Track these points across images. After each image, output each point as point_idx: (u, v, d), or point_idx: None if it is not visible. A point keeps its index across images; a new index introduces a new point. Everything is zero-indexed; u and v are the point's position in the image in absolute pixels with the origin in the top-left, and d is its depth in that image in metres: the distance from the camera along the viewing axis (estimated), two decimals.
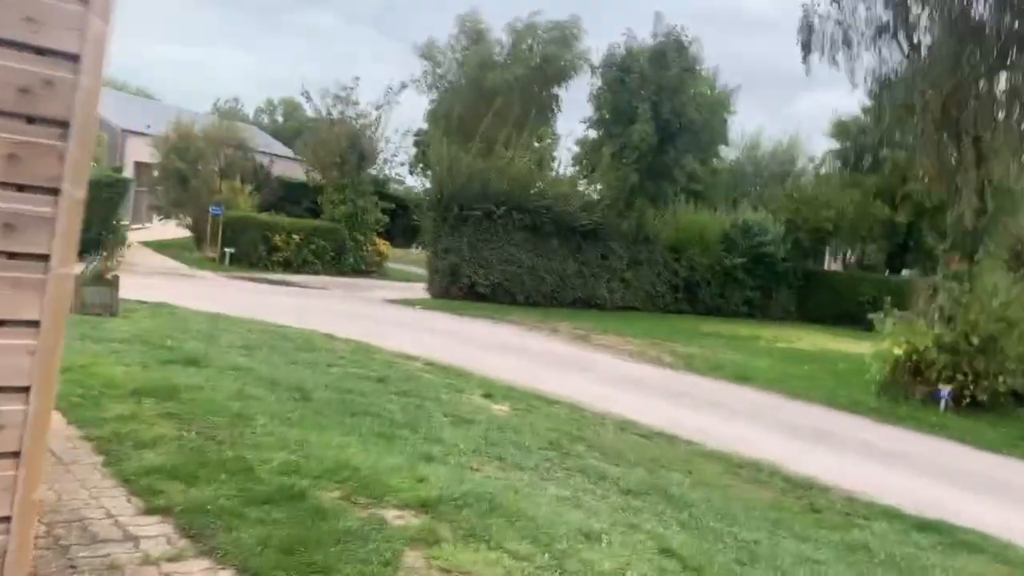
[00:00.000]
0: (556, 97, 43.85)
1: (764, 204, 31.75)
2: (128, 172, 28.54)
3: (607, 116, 27.18)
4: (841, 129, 33.91)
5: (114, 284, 12.68)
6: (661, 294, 24.79)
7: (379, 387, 8.73)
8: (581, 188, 24.79)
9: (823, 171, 35.01)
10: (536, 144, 43.41)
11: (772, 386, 13.60)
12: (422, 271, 24.15)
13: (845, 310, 25.33)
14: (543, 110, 42.40)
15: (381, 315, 17.35)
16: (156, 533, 3.75)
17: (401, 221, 29.93)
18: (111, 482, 4.34)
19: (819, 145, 65.54)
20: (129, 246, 22.89)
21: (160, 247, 26.77)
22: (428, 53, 42.65)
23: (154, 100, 49.04)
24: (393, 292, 22.39)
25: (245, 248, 24.49)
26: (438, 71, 42.99)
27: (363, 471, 4.93)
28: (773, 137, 47.05)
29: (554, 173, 26.06)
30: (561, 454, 6.98)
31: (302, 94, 25.78)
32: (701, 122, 25.75)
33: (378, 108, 26.69)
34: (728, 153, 38.70)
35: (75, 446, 4.86)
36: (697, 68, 26.19)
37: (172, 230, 29.42)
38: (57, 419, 5.05)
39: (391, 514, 4.35)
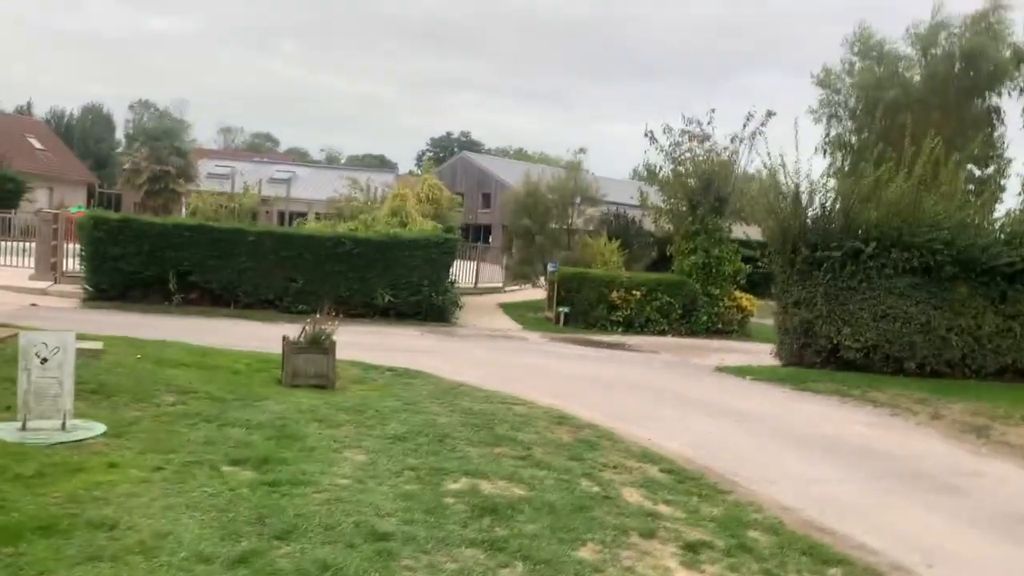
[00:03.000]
0: (995, 109, 35.12)
1: None
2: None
3: None
4: None
5: (331, 350, 10.86)
6: None
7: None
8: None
9: None
10: (977, 172, 35.02)
11: None
12: None
13: None
14: (978, 126, 34.10)
15: (686, 389, 13.38)
16: None
17: None
18: None
19: None
20: (461, 307, 21.93)
21: (509, 308, 25.72)
22: (825, 80, 37.27)
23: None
24: (736, 357, 18.04)
25: (581, 307, 22.10)
26: (836, 98, 37.36)
27: None
28: None
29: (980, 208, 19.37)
30: None
31: (646, 135, 22.89)
32: None
33: (734, 141, 22.68)
34: None
35: None
36: None
37: (539, 292, 28.48)
38: None
39: None
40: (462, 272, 30.12)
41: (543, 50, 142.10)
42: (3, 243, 26.00)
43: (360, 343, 16.51)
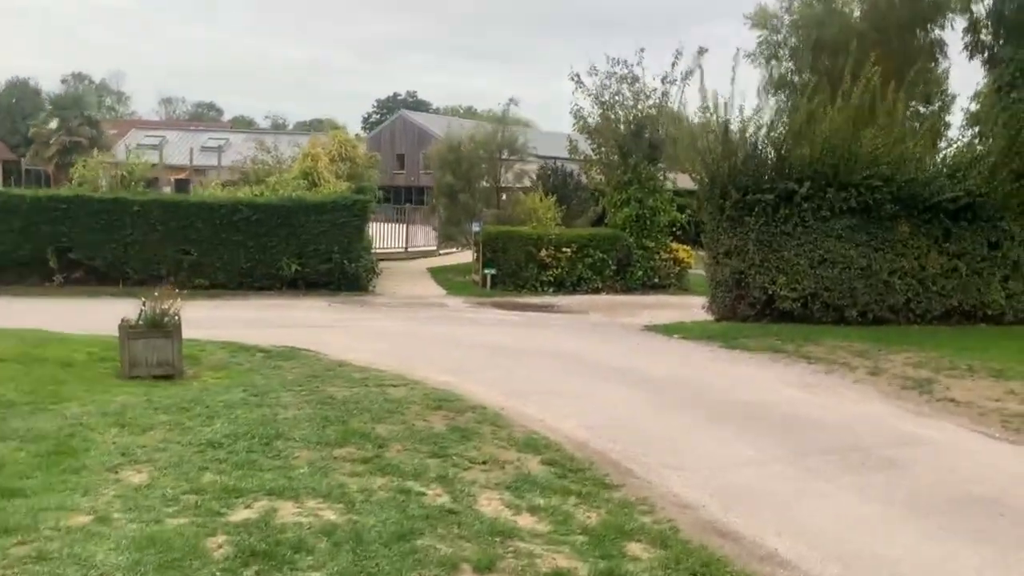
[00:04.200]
0: (938, 43, 34.06)
1: None
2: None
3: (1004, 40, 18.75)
4: None
5: (174, 333, 9.26)
6: None
7: None
8: (947, 150, 16.79)
9: None
10: (921, 109, 33.96)
11: None
12: None
13: None
14: (921, 61, 32.95)
15: (604, 354, 12.02)
16: None
17: None
18: None
19: None
20: (378, 273, 20.33)
21: (438, 272, 24.17)
22: (761, 20, 35.84)
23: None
24: (669, 313, 16.77)
25: (508, 268, 20.63)
26: (775, 38, 36.00)
27: None
28: None
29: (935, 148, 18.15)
30: None
31: (571, 77, 21.25)
32: None
33: (665, 82, 21.18)
34: None
35: None
36: None
37: (471, 255, 26.94)
38: None
39: None
40: (391, 236, 28.52)
41: (496, 8, 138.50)
42: None
43: (252, 319, 14.94)
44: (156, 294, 9.44)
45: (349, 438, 6.67)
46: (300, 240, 18.54)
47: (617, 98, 21.51)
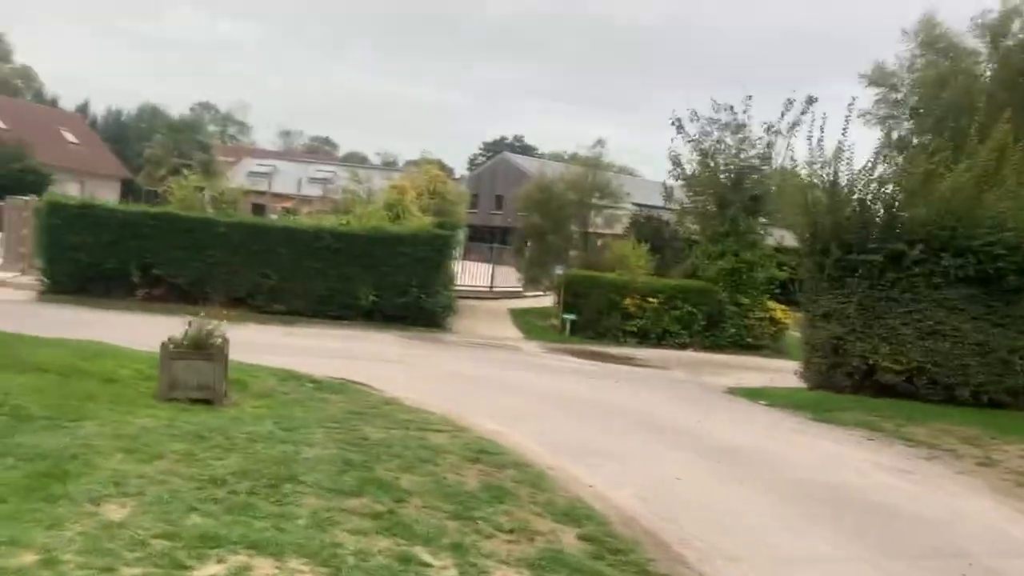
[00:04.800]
0: None
1: None
2: None
3: None
4: None
5: (217, 356, 8.87)
6: None
7: None
8: None
9: None
10: None
11: None
12: None
13: None
14: None
15: (676, 414, 11.04)
16: None
17: None
18: None
19: None
20: (455, 311, 19.84)
21: (519, 315, 23.53)
22: (878, 78, 34.17)
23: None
24: (759, 376, 15.60)
25: (590, 314, 19.80)
26: (894, 97, 34.25)
27: None
28: None
29: None
30: None
31: (672, 122, 20.45)
32: None
33: (769, 131, 20.13)
34: None
35: None
36: None
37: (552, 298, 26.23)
38: None
39: None
40: (478, 274, 28.12)
41: (614, 57, 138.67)
42: None
43: (319, 348, 14.60)
44: (202, 314, 9.07)
45: (366, 487, 6.00)
46: (379, 271, 18.25)
47: (719, 145, 20.56)
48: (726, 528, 6.38)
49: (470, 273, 27.73)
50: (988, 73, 32.95)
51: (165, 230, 17.84)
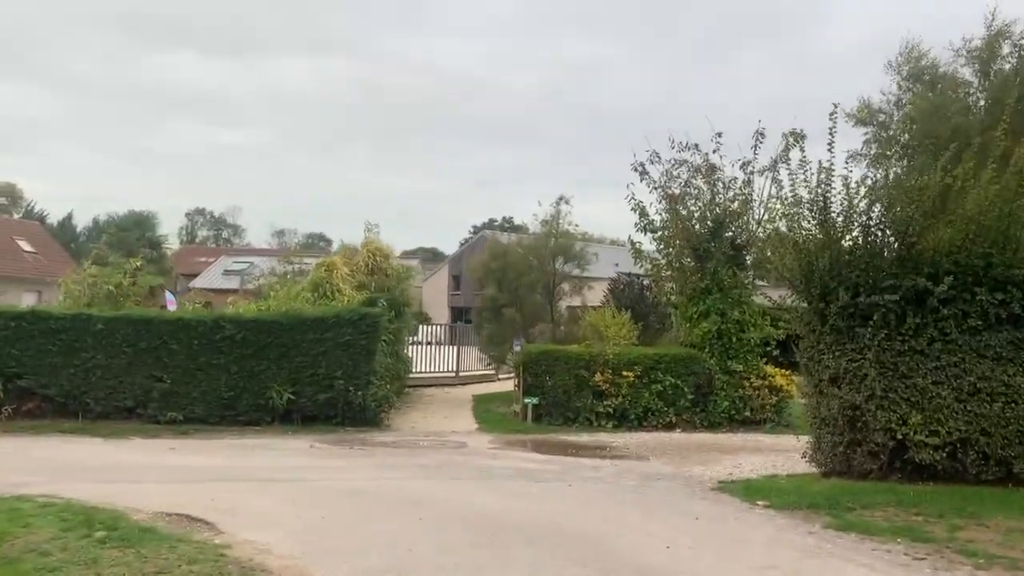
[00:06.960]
0: None
1: None
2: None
3: None
4: None
5: None
6: None
7: None
8: None
9: None
10: None
11: None
12: None
13: None
14: None
15: (635, 537, 7.82)
16: None
17: None
18: None
19: None
20: (392, 406, 16.71)
21: (483, 401, 20.40)
22: (865, 116, 31.85)
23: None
24: (757, 460, 12.39)
25: (555, 396, 16.60)
26: (887, 134, 31.85)
27: None
28: None
29: None
30: None
31: (634, 168, 17.67)
32: None
33: (744, 168, 17.37)
34: None
35: None
36: None
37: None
38: None
39: None
40: (441, 359, 25.07)
41: (605, 139, 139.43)
42: None
43: (191, 467, 11.39)
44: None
45: None
46: (294, 363, 15.20)
47: (689, 190, 17.76)
48: None
49: (431, 358, 24.71)
50: (981, 103, 30.62)
51: (31, 332, 14.87)
